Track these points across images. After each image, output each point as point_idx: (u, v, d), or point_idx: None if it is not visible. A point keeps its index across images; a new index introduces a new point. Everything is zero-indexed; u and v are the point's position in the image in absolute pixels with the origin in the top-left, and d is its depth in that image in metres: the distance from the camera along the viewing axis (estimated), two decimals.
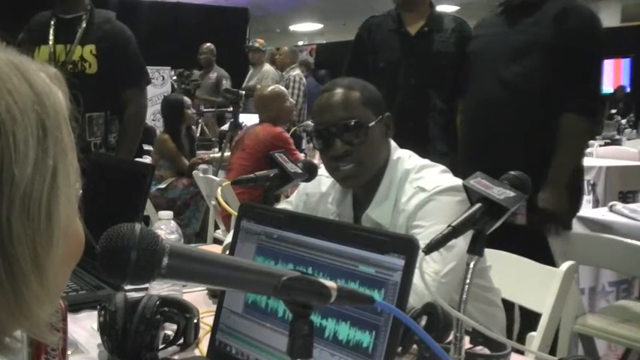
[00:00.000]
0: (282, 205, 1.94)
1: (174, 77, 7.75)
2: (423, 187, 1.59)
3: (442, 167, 1.71)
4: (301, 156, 4.37)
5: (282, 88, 4.53)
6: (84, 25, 2.98)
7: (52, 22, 3.00)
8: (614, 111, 9.43)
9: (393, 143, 1.73)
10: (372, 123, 1.65)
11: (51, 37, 2.97)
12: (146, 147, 5.49)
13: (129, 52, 3.08)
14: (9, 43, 0.60)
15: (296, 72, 7.01)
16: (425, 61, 2.99)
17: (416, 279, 0.97)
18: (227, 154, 4.50)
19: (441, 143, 3.03)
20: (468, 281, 1.06)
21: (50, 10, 3.05)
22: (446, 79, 3.04)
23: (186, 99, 5.17)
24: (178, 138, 4.86)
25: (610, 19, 13.10)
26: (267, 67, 7.22)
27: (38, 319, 0.58)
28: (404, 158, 1.70)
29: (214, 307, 1.24)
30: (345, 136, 1.63)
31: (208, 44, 7.55)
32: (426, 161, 1.72)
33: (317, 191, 1.82)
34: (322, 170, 1.76)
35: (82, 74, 2.94)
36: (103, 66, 2.97)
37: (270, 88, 4.33)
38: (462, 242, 1.15)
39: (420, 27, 3.04)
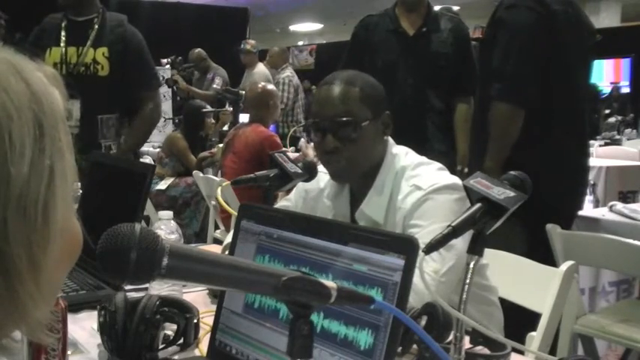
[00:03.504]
0: (282, 202, 1.93)
1: (167, 64, 7.69)
2: (419, 186, 1.59)
3: (438, 165, 1.70)
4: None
5: (271, 86, 4.52)
6: (96, 27, 3.01)
7: (64, 25, 3.03)
8: (607, 111, 9.42)
9: (390, 139, 1.73)
10: (367, 122, 1.62)
11: (62, 39, 3.00)
12: (145, 148, 5.51)
13: (143, 55, 3.12)
14: (18, 43, 0.60)
15: (286, 73, 7.00)
16: (423, 61, 3.00)
17: (415, 279, 0.97)
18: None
19: (439, 143, 3.05)
20: (467, 281, 1.06)
21: (61, 12, 3.07)
22: (443, 79, 3.06)
23: (208, 107, 5.19)
24: (192, 140, 4.90)
25: (610, 19, 13.11)
26: (259, 68, 7.15)
27: (34, 319, 0.57)
28: (401, 155, 1.69)
29: (214, 307, 1.24)
30: (337, 132, 1.62)
31: (197, 50, 7.50)
32: (423, 158, 1.71)
33: (315, 187, 1.81)
34: (321, 167, 1.76)
35: (93, 76, 2.98)
36: (115, 68, 2.99)
37: (259, 86, 4.30)
38: (460, 241, 1.15)
39: (418, 27, 3.04)
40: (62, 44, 3.00)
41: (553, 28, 2.46)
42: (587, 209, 3.12)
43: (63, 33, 3.01)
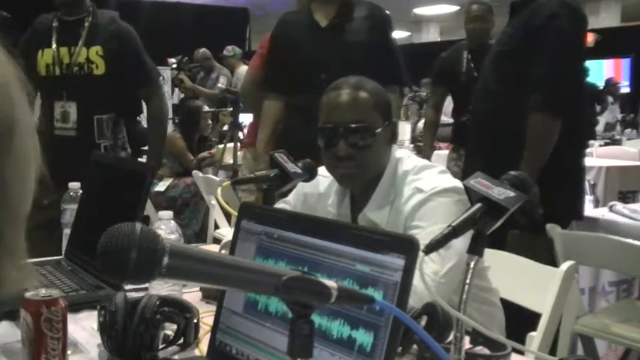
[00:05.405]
0: (279, 204, 1.92)
1: (174, 65, 7.68)
2: (420, 188, 1.59)
3: (441, 168, 1.70)
4: None
5: None
6: (87, 26, 2.98)
7: (55, 25, 3.00)
8: (622, 115, 9.45)
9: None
10: (380, 129, 1.63)
11: (54, 39, 2.98)
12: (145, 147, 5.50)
13: (138, 51, 3.09)
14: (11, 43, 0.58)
15: None
16: (337, 54, 2.78)
17: (415, 279, 0.97)
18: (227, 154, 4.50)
19: None
20: (468, 281, 1.06)
21: (53, 12, 3.04)
22: (360, 70, 2.86)
23: (205, 108, 5.16)
24: (190, 140, 4.90)
25: (610, 19, 13.11)
26: (240, 69, 7.11)
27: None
28: (403, 158, 1.69)
29: (214, 307, 1.24)
30: (351, 138, 1.61)
31: (202, 50, 7.50)
32: (425, 162, 1.71)
33: (315, 191, 1.81)
34: (321, 171, 1.75)
35: (89, 76, 2.95)
36: (110, 67, 2.97)
37: None
38: (460, 242, 1.15)
39: (331, 19, 2.90)
40: (54, 45, 2.97)
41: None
42: (587, 209, 3.12)
43: (54, 33, 2.98)
